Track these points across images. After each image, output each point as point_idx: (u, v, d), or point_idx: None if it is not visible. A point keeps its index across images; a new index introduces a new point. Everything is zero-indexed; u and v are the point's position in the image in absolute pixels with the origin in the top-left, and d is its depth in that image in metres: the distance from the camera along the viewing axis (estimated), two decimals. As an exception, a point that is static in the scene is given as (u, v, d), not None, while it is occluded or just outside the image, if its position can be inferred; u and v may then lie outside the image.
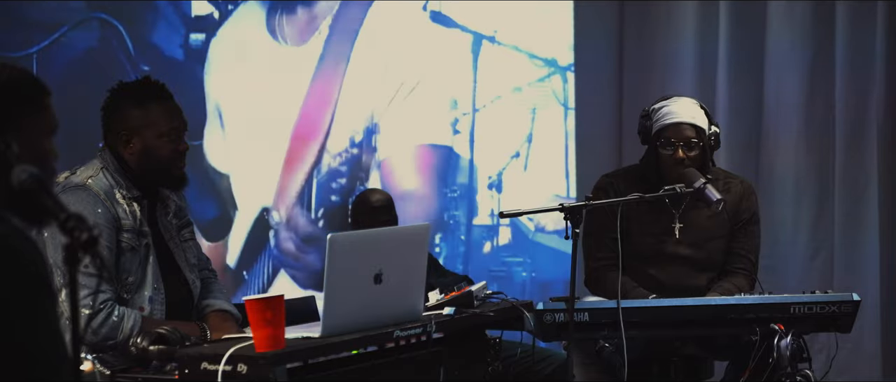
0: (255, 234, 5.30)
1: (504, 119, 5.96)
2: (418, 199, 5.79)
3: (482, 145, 5.90)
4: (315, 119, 5.48)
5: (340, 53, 5.53)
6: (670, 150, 3.88)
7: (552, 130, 6.08)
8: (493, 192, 5.96)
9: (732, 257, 4.02)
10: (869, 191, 5.69)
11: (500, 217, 3.51)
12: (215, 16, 5.26)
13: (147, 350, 2.98)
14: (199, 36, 5.20)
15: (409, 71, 5.72)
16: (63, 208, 1.91)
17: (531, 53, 6.03)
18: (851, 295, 3.62)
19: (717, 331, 3.70)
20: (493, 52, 5.93)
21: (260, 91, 5.28)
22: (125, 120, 3.37)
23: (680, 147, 3.87)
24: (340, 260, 2.92)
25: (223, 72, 5.21)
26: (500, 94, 5.97)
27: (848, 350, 5.41)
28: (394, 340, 3.05)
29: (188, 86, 5.03)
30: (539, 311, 3.59)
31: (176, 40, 5.15)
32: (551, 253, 6.00)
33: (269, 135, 5.35)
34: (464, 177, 5.89)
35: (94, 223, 3.16)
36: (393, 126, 5.67)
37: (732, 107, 5.83)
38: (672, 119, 3.90)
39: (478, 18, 5.89)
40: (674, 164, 3.87)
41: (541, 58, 6.05)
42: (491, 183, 5.96)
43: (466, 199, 5.91)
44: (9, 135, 2.05)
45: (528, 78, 6.04)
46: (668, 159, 3.89)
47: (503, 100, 5.96)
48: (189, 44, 5.18)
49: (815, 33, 5.78)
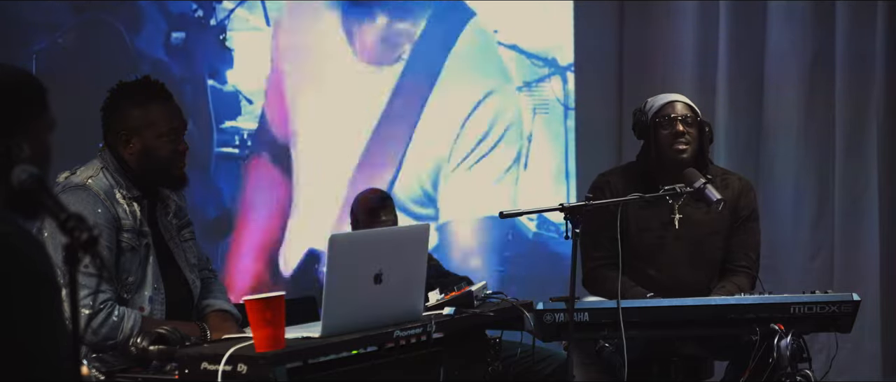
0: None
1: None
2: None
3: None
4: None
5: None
6: (669, 128, 3.89)
7: (552, 130, 6.08)
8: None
9: (733, 255, 4.03)
10: (869, 190, 5.69)
11: (500, 217, 3.51)
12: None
13: (147, 350, 2.98)
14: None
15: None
16: (63, 208, 1.91)
17: (531, 53, 6.03)
18: (851, 295, 3.62)
19: (717, 331, 3.70)
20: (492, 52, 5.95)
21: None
22: (125, 120, 3.36)
23: (678, 121, 3.89)
24: (340, 260, 2.92)
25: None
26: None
27: (848, 350, 5.41)
28: (394, 340, 3.04)
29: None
30: (539, 311, 3.59)
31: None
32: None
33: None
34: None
35: (94, 223, 3.16)
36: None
37: (732, 107, 5.83)
38: (667, 99, 3.96)
39: (477, 18, 5.90)
40: (674, 139, 3.88)
41: (541, 58, 6.05)
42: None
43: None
44: (18, 136, 2.06)
45: (528, 78, 6.05)
46: (667, 138, 3.90)
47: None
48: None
49: (815, 33, 5.78)
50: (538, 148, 6.05)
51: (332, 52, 5.76)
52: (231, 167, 5.66)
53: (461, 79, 5.97)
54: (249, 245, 5.69)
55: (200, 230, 3.96)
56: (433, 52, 5.93)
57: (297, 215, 5.71)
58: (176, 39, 5.37)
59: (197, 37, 5.44)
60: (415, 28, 5.90)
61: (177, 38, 5.38)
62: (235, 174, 5.67)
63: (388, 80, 5.84)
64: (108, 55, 5.03)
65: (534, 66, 6.05)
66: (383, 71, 5.85)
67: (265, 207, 5.67)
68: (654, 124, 3.92)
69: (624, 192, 3.81)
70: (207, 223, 5.51)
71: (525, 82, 6.05)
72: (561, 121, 6.10)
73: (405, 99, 5.88)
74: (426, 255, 3.24)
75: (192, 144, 3.53)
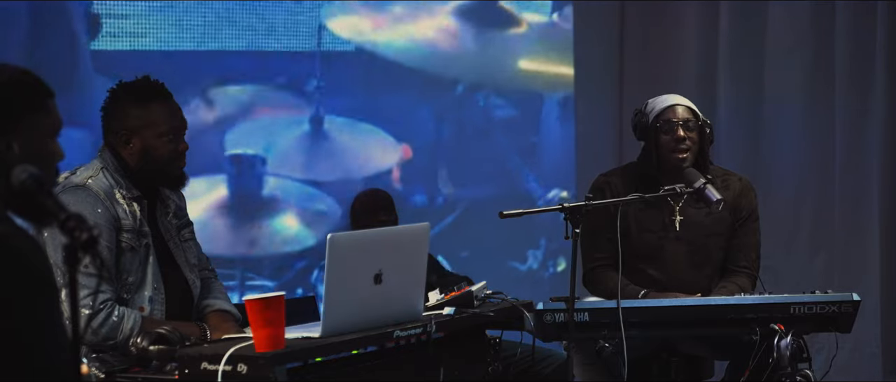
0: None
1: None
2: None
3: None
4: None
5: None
6: (670, 133, 3.89)
7: (553, 130, 6.08)
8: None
9: (733, 255, 4.03)
10: (869, 191, 5.68)
11: (500, 217, 3.51)
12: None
13: (147, 350, 2.98)
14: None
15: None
16: (63, 208, 1.91)
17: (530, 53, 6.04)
18: (851, 295, 3.62)
19: (717, 331, 3.70)
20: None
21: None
22: (125, 119, 3.36)
23: (679, 126, 3.88)
24: (340, 260, 2.92)
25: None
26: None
27: (848, 350, 5.40)
28: (394, 340, 3.05)
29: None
30: (539, 311, 3.59)
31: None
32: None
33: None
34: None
35: (94, 223, 3.16)
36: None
37: (732, 107, 5.83)
38: (668, 102, 3.94)
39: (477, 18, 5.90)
40: (675, 145, 3.88)
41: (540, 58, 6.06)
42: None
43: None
44: (9, 135, 2.05)
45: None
46: (668, 143, 3.89)
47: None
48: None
49: (815, 33, 5.77)
50: (539, 148, 6.06)
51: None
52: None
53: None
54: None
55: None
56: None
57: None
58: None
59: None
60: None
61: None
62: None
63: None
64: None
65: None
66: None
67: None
68: (656, 128, 3.91)
69: (624, 193, 3.81)
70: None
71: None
72: (561, 121, 6.11)
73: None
74: (426, 255, 3.24)
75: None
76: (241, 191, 5.46)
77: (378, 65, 5.72)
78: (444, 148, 5.93)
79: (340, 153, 5.67)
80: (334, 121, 5.63)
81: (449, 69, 5.93)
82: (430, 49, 5.89)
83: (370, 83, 5.69)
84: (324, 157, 5.63)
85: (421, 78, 5.83)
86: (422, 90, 5.84)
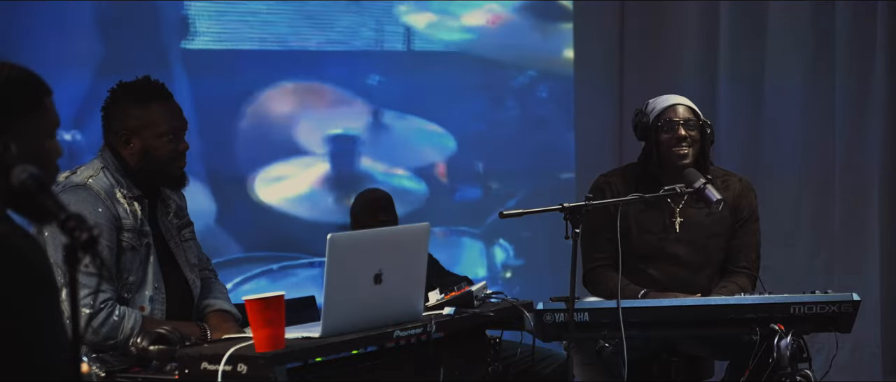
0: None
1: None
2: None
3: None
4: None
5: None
6: (671, 132, 3.89)
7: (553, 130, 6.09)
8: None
9: (733, 255, 4.03)
10: (869, 190, 5.68)
11: (500, 217, 3.51)
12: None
13: (147, 350, 2.98)
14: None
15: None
16: (63, 208, 1.91)
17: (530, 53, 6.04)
18: (851, 295, 3.62)
19: (717, 331, 3.70)
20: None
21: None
22: (125, 119, 3.36)
23: (680, 125, 3.89)
24: (340, 260, 2.92)
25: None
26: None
27: (848, 350, 5.41)
28: (394, 340, 3.05)
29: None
30: (539, 311, 3.59)
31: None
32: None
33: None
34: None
35: (95, 223, 3.16)
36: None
37: (732, 107, 5.82)
38: (669, 102, 3.95)
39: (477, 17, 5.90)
40: (676, 144, 3.88)
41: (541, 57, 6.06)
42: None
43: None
44: (7, 135, 2.05)
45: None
46: (669, 142, 3.89)
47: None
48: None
49: (815, 33, 5.77)
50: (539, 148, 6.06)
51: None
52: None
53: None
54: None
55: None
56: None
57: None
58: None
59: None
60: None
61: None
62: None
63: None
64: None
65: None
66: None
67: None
68: (656, 128, 3.92)
69: (624, 193, 3.82)
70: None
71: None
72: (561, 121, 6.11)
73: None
74: (426, 255, 3.24)
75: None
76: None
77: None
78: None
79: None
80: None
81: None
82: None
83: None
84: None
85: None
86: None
